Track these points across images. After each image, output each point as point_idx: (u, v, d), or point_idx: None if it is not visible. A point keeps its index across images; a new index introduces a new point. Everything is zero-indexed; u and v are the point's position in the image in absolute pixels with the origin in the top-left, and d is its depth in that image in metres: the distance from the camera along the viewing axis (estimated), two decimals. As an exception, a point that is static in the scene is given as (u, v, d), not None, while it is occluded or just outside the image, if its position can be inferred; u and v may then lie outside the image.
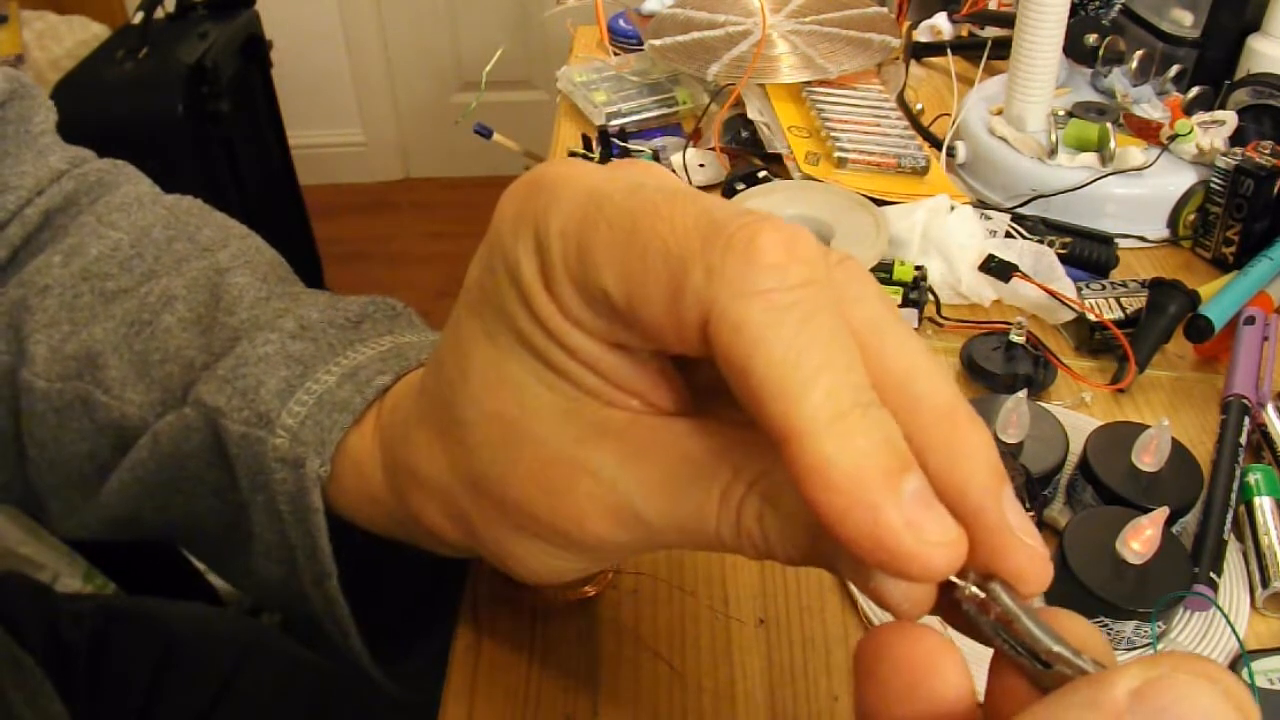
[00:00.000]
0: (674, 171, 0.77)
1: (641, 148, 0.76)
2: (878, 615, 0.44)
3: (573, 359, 0.23)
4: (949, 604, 0.21)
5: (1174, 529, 0.46)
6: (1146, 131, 0.72)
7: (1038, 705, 0.16)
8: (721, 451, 0.22)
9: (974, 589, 0.20)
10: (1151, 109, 0.73)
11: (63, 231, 0.41)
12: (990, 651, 0.20)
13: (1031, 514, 0.43)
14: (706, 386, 0.25)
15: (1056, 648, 0.19)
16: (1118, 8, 0.85)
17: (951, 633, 0.21)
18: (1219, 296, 0.58)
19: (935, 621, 0.21)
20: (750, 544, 0.22)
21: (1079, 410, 0.56)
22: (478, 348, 0.24)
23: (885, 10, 0.90)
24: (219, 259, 0.39)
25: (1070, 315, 0.61)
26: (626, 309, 0.21)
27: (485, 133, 0.92)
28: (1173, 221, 0.69)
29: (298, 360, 0.33)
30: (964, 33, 0.96)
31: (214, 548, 0.37)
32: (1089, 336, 0.59)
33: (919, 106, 0.84)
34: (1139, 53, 0.77)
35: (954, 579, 0.20)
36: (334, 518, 0.33)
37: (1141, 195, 0.69)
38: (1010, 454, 0.46)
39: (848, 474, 0.18)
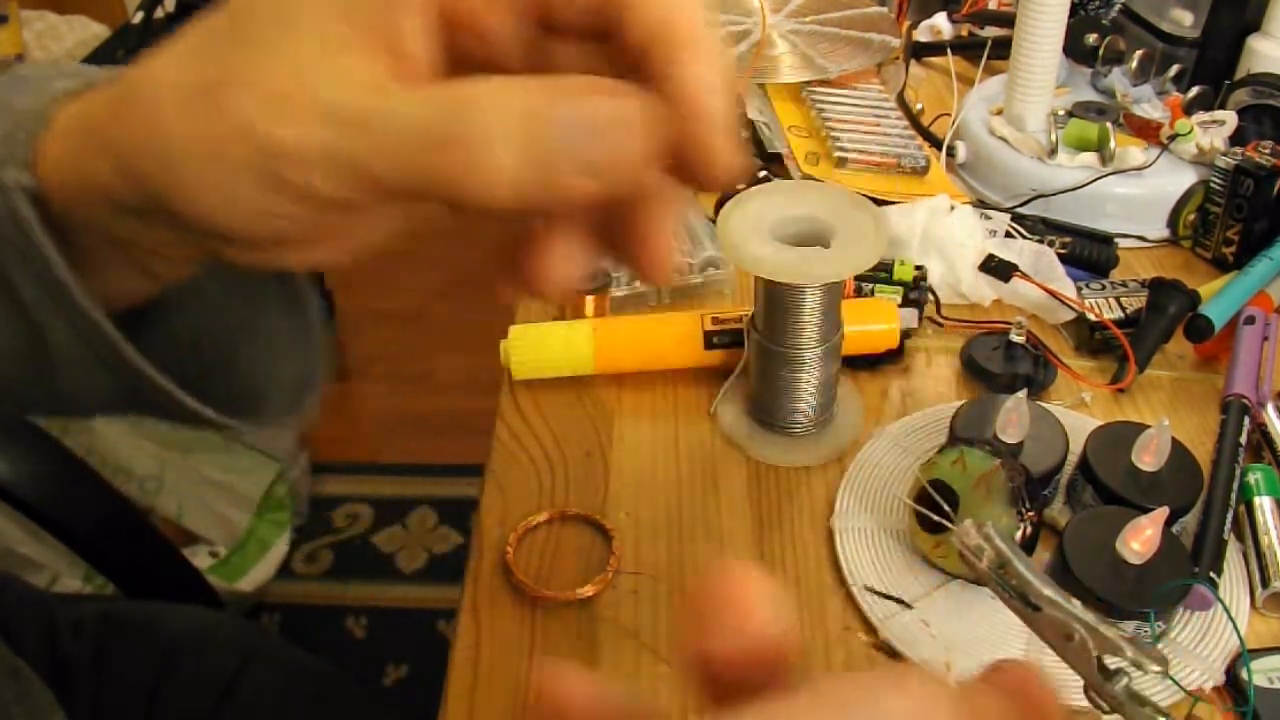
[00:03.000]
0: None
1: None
2: (878, 615, 0.44)
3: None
4: None
5: (1174, 529, 0.46)
6: (1146, 131, 0.72)
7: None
8: None
9: (972, 533, 0.21)
10: (1151, 109, 0.73)
11: None
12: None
13: (1031, 514, 0.43)
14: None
15: (1047, 591, 0.19)
16: (1118, 8, 0.85)
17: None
18: (1219, 296, 0.58)
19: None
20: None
21: (1079, 410, 0.56)
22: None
23: (885, 10, 0.90)
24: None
25: (1070, 315, 0.61)
26: None
27: (485, 133, 0.92)
28: (1173, 221, 0.69)
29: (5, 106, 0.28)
30: (964, 33, 0.96)
31: None
32: (1089, 336, 0.59)
33: (919, 106, 0.84)
34: (1139, 53, 0.77)
35: (954, 526, 0.21)
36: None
37: (1141, 195, 0.69)
38: (1010, 454, 0.46)
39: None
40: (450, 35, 0.24)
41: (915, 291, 0.60)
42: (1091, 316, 0.59)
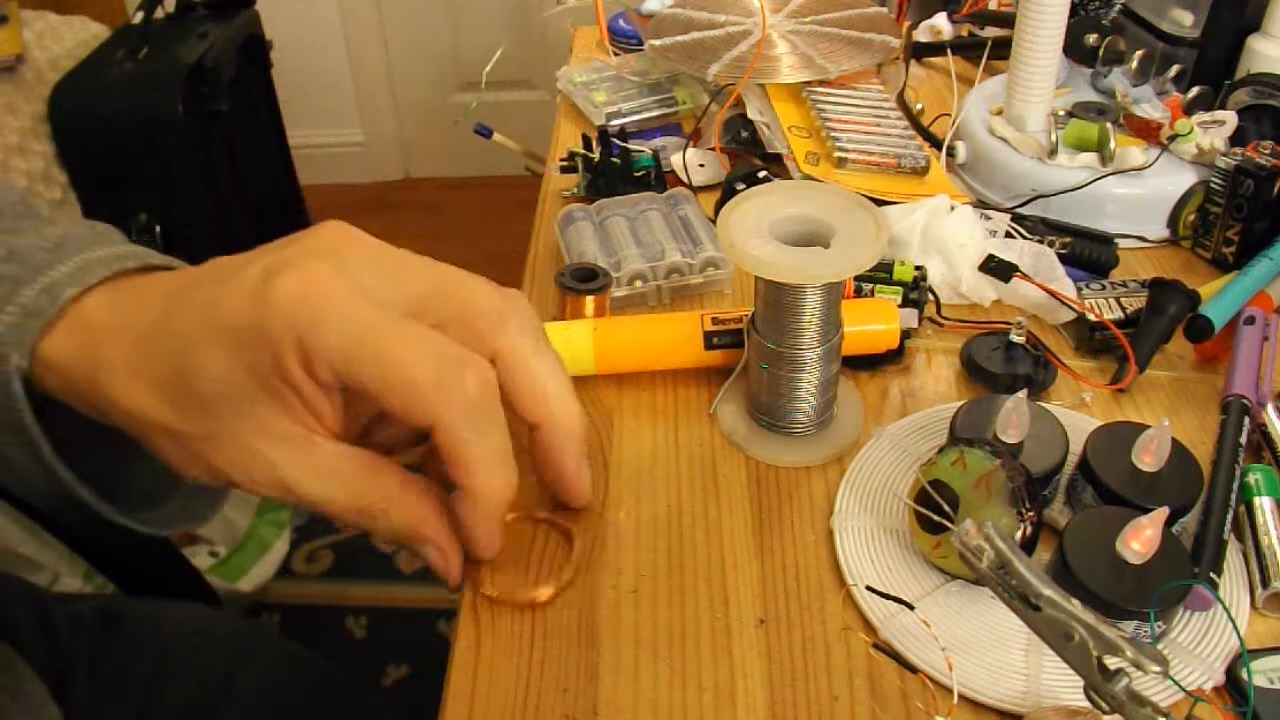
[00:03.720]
0: (674, 170, 0.77)
1: (642, 148, 0.76)
2: (878, 615, 0.44)
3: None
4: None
5: (1174, 529, 0.46)
6: (1146, 131, 0.72)
7: None
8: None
9: (972, 533, 0.21)
10: (1151, 109, 0.73)
11: None
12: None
13: (1031, 514, 0.43)
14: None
15: (1047, 591, 0.19)
16: (1118, 8, 0.85)
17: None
18: (1219, 296, 0.58)
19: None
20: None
21: (1079, 410, 0.56)
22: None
23: (885, 10, 0.90)
24: None
25: (1070, 315, 0.61)
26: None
27: (485, 133, 0.92)
28: (1173, 221, 0.69)
29: (9, 279, 0.38)
30: (964, 33, 0.96)
31: None
32: (1089, 336, 0.59)
33: (919, 106, 0.84)
34: (1139, 53, 0.77)
35: (954, 526, 0.21)
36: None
37: (1141, 195, 0.69)
38: (1010, 454, 0.46)
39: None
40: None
41: (915, 291, 0.60)
42: (1091, 317, 0.59)
